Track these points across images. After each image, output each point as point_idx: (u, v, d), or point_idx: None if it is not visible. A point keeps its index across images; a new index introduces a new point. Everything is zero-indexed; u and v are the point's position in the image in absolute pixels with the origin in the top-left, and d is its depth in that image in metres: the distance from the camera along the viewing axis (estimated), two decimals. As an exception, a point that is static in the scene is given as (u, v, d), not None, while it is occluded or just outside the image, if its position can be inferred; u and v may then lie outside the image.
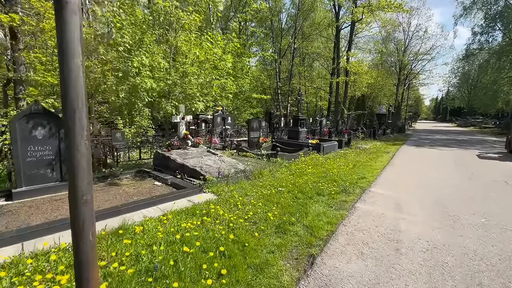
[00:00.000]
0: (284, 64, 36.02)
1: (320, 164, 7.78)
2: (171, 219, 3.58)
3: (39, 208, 4.07)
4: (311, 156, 8.63)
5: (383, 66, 39.76)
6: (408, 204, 4.68)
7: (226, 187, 5.24)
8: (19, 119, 4.50)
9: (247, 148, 8.95)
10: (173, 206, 4.11)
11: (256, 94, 22.41)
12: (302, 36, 30.12)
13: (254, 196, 4.78)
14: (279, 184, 5.58)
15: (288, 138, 10.95)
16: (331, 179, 6.09)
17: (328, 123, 20.52)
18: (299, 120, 10.60)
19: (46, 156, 4.83)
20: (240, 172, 5.95)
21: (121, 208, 3.84)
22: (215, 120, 12.68)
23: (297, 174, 6.53)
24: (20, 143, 4.52)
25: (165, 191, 5.09)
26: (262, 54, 25.78)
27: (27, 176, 4.64)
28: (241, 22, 28.00)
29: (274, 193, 4.96)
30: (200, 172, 5.51)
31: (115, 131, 9.00)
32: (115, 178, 5.87)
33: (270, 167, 6.95)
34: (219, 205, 4.18)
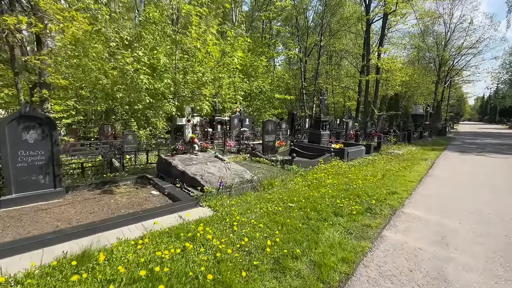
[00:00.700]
0: (310, 63, 34.68)
1: (342, 173, 6.77)
2: (148, 244, 2.97)
3: (19, 219, 3.74)
4: (333, 163, 7.63)
5: (419, 62, 36.41)
6: (457, 235, 3.58)
7: (227, 200, 4.56)
8: (9, 123, 4.24)
9: (261, 152, 8.20)
10: (159, 224, 3.52)
11: (279, 94, 21.58)
12: (330, 33, 28.62)
13: (256, 214, 4.03)
14: (290, 198, 4.76)
15: (309, 142, 9.99)
16: (353, 193, 5.11)
17: (356, 125, 18.99)
18: (321, 121, 9.59)
19: (38, 162, 4.54)
20: (246, 182, 5.24)
21: (98, 225, 3.33)
22: (232, 122, 12.13)
23: (313, 185, 5.64)
24: (10, 148, 4.27)
25: (160, 202, 4.56)
26: (286, 53, 24.82)
27: (18, 182, 4.38)
28: (265, 21, 27.34)
29: (281, 211, 4.17)
30: (200, 181, 4.89)
31: (127, 133, 8.83)
32: (114, 184, 5.50)
33: (283, 175, 6.14)
34: (211, 225, 3.51)
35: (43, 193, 4.55)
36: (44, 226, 3.53)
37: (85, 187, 5.24)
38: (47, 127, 4.60)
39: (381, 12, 20.57)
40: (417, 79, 28.82)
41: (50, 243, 2.98)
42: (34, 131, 4.47)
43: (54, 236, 3.03)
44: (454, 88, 45.23)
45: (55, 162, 4.70)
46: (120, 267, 2.44)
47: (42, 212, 4.00)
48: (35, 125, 4.47)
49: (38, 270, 2.44)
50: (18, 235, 3.29)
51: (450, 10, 31.58)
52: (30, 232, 3.35)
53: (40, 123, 4.51)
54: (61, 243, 3.02)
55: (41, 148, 4.56)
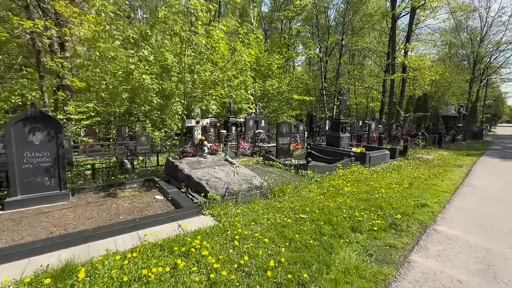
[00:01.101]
0: (331, 63, 33.68)
1: (363, 180, 6.15)
2: (137, 258, 2.68)
3: (18, 223, 3.64)
4: (353, 169, 7.00)
5: (451, 60, 33.88)
6: (508, 264, 2.92)
7: (233, 209, 4.19)
8: (15, 124, 4.21)
9: (275, 156, 7.77)
10: (154, 234, 3.23)
11: (298, 95, 20.99)
12: (352, 31, 27.52)
13: (263, 226, 3.62)
14: (302, 208, 4.29)
15: (327, 145, 9.38)
16: (375, 204, 4.52)
17: (379, 127, 17.89)
18: (340, 123, 8.95)
19: (43, 163, 4.49)
20: (254, 188, 4.84)
21: (90, 234, 3.11)
22: (247, 124, 11.82)
23: (329, 193, 5.11)
24: (15, 149, 4.23)
25: (162, 208, 4.30)
26: (306, 53, 24.14)
27: (23, 184, 4.34)
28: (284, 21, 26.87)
29: (291, 223, 3.72)
30: (205, 187, 4.58)
31: (141, 134, 8.81)
32: (120, 187, 5.37)
33: (297, 181, 5.67)
34: (209, 238, 3.16)
35: (48, 195, 4.48)
36: (39, 231, 3.39)
37: (91, 190, 5.14)
38: (53, 129, 4.53)
39: (408, 6, 19.29)
40: (449, 77, 26.77)
41: (38, 252, 2.79)
42: (40, 133, 4.42)
43: (43, 245, 2.84)
44: (491, 87, 41.62)
45: (60, 164, 4.62)
46: (98, 287, 2.15)
47: (43, 216, 3.89)
48: (41, 126, 4.42)
49: (13, 286, 2.22)
50: (12, 240, 3.16)
51: (487, 3, 29.04)
52: (23, 238, 3.21)
53: (46, 124, 4.45)
54: (49, 252, 2.83)
55: (47, 149, 4.50)
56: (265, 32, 31.35)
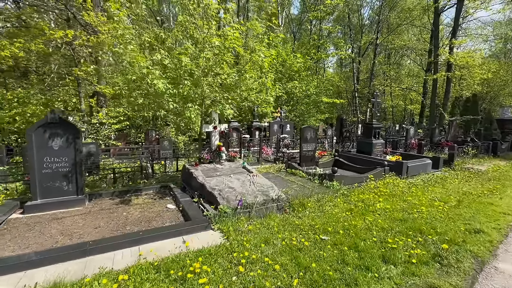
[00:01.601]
0: (365, 64, 31.96)
1: (398, 194, 5.35)
2: (129, 281, 2.41)
3: (31, 229, 3.65)
4: (387, 181, 6.18)
5: (507, 56, 29.88)
6: None
7: (245, 224, 3.80)
8: (36, 129, 4.32)
9: (298, 163, 7.23)
10: (154, 251, 2.97)
11: (327, 98, 20.05)
12: (388, 29, 25.75)
13: (276, 247, 3.16)
14: (324, 227, 3.74)
15: (357, 152, 8.56)
16: (414, 226, 3.79)
17: (419, 132, 16.23)
18: (373, 128, 8.10)
19: (62, 168, 4.55)
20: (270, 201, 4.40)
21: (90, 247, 2.94)
22: (271, 128, 11.40)
23: (358, 210, 4.47)
24: (36, 154, 4.33)
25: (171, 219, 4.06)
26: (336, 54, 23.05)
27: (43, 188, 4.43)
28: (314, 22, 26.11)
29: (309, 246, 3.21)
30: (217, 198, 4.25)
31: (164, 139, 8.87)
32: (136, 193, 5.30)
33: (321, 194, 5.10)
34: (212, 261, 2.79)
35: (66, 200, 4.53)
36: (46, 240, 3.33)
37: (108, 195, 5.14)
38: (72, 135, 4.58)
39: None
40: (504, 76, 23.54)
41: (35, 265, 2.68)
42: (59, 138, 4.49)
43: (40, 258, 2.72)
44: (559, 86, 35.84)
45: (77, 169, 4.66)
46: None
47: (55, 222, 3.88)
48: (60, 132, 4.48)
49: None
50: (18, 248, 3.13)
51: (554, -11, 25.06)
52: (29, 246, 3.16)
53: (64, 130, 4.51)
54: (47, 266, 2.70)
55: (65, 155, 4.55)
56: (294, 34, 30.82)
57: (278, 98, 14.05)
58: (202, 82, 4.65)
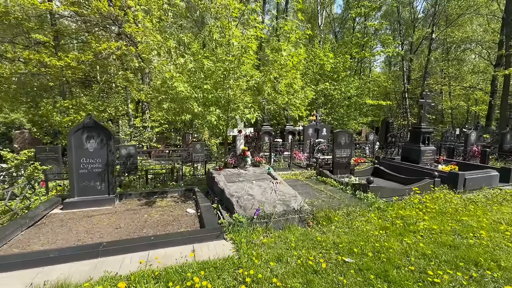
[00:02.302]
0: (418, 62, 28.95)
1: (451, 212, 4.46)
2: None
3: (63, 224, 3.95)
4: (436, 195, 5.24)
5: None
6: None
7: (260, 236, 3.54)
8: (75, 132, 4.71)
9: (330, 171, 6.65)
10: (158, 260, 2.90)
11: (371, 99, 18.55)
12: (446, 21, 22.85)
13: (288, 266, 2.83)
14: (350, 247, 3.25)
15: (402, 160, 7.55)
16: (467, 255, 3.05)
17: (485, 137, 13.85)
18: (421, 133, 7.05)
19: (96, 169, 4.89)
20: (292, 212, 4.03)
21: (103, 248, 3.00)
22: (305, 132, 10.87)
23: (395, 228, 3.82)
24: (74, 155, 4.73)
25: (187, 224, 4.01)
26: (382, 52, 21.22)
27: (80, 187, 4.81)
28: (357, 19, 24.62)
29: (327, 269, 2.79)
30: (234, 205, 4.07)
31: (196, 142, 9.10)
32: (162, 195, 5.43)
33: (352, 207, 4.54)
34: (215, 276, 2.59)
35: (98, 199, 4.84)
36: (71, 237, 3.54)
37: (136, 196, 5.36)
38: (105, 137, 4.89)
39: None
40: None
41: (53, 262, 2.82)
42: (94, 141, 4.83)
43: (58, 255, 2.86)
44: None
45: (109, 170, 4.95)
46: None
47: (84, 220, 4.14)
48: (95, 135, 4.82)
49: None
50: (47, 243, 3.37)
51: None
52: (56, 242, 3.38)
53: (99, 133, 4.84)
54: (61, 264, 2.82)
55: (99, 156, 4.88)
56: (335, 34, 29.48)
57: (315, 100, 13.41)
58: (224, 85, 4.55)
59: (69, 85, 12.21)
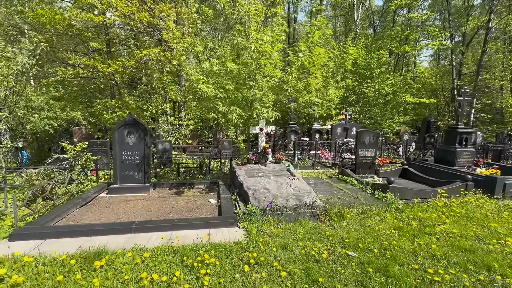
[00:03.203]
0: (472, 55, 26.14)
1: (479, 218, 4.19)
2: (149, 260, 2.82)
3: (107, 206, 4.68)
4: (466, 199, 4.91)
5: None
6: None
7: (271, 226, 3.80)
8: (118, 128, 5.49)
9: (353, 170, 6.58)
10: (178, 238, 3.35)
11: (412, 97, 17.32)
12: (509, 7, 20.13)
13: (292, 254, 3.06)
14: (357, 242, 3.34)
15: (435, 162, 7.08)
16: (481, 260, 2.92)
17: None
18: (458, 133, 6.53)
19: (134, 160, 5.62)
20: (304, 207, 4.21)
21: (136, 226, 3.57)
22: (333, 131, 10.71)
23: (409, 229, 3.77)
24: (118, 148, 5.51)
25: (208, 212, 4.44)
26: (427, 45, 19.54)
27: (122, 175, 5.58)
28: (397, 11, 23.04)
29: (327, 259, 2.95)
30: (250, 197, 4.39)
31: (224, 139, 9.64)
32: (189, 186, 5.99)
33: (368, 206, 4.54)
34: (223, 256, 2.95)
35: (136, 186, 5.56)
36: (113, 215, 4.20)
37: (168, 186, 6.01)
38: (143, 133, 5.59)
39: None
40: None
41: (96, 233, 3.44)
42: (133, 136, 5.56)
43: (100, 229, 3.49)
44: None
45: (145, 162, 5.64)
46: (95, 279, 2.39)
47: (124, 203, 4.85)
48: (134, 130, 5.55)
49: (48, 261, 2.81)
50: (94, 219, 4.07)
51: None
52: (101, 219, 4.06)
53: (137, 129, 5.56)
54: (102, 236, 3.41)
55: (137, 149, 5.60)
56: (374, 28, 27.91)
57: (346, 98, 13.04)
58: (245, 86, 4.88)
59: (118, 87, 13.77)
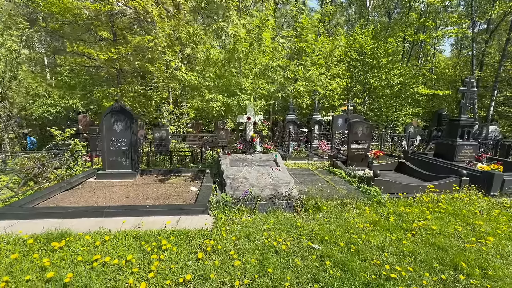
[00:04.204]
0: (497, 43, 24.52)
1: (465, 215, 3.95)
2: (108, 242, 2.86)
3: (91, 190, 4.80)
4: (457, 195, 4.65)
5: None
6: None
7: (243, 216, 3.76)
8: (105, 115, 5.56)
9: (344, 162, 6.38)
10: (145, 224, 3.38)
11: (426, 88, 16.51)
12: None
13: (253, 243, 3.01)
14: (324, 235, 3.24)
15: (435, 156, 6.73)
16: (451, 259, 2.75)
17: None
18: (459, 126, 6.14)
19: (122, 147, 5.69)
20: (280, 197, 4.13)
21: (107, 210, 3.63)
22: (334, 123, 10.41)
23: (385, 224, 3.61)
24: (105, 135, 5.59)
25: (186, 199, 4.45)
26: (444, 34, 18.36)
27: (109, 162, 5.69)
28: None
29: (286, 251, 2.89)
30: (226, 185, 4.36)
31: (220, 129, 9.61)
32: (176, 174, 6.04)
33: (349, 198, 4.39)
34: (182, 242, 2.95)
35: (123, 172, 5.66)
36: (92, 200, 4.30)
37: (156, 173, 6.08)
38: (129, 120, 5.63)
39: None
40: None
41: (68, 216, 3.53)
42: (120, 123, 5.62)
43: (73, 211, 3.58)
44: None
45: (132, 149, 5.71)
46: (45, 259, 2.44)
47: (107, 188, 4.95)
48: (121, 117, 5.59)
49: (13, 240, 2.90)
50: (74, 202, 4.17)
51: None
52: (79, 203, 4.16)
53: (124, 116, 5.60)
54: (74, 218, 3.50)
55: (124, 136, 5.66)
56: (390, 15, 26.51)
57: (351, 89, 12.57)
58: (226, 73, 4.77)
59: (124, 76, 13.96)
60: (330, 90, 10.39)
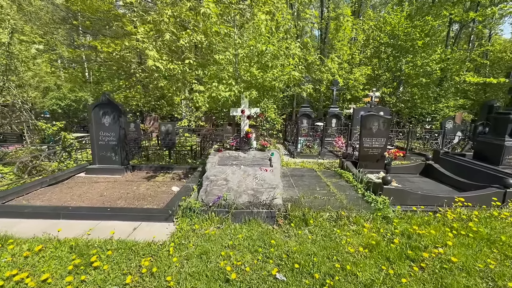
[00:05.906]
0: None
1: (504, 243, 2.92)
2: (41, 252, 2.52)
3: (72, 187, 4.62)
4: (496, 214, 3.53)
5: None
6: None
7: (211, 226, 3.21)
8: (93, 108, 5.35)
9: (356, 163, 5.44)
10: (97, 231, 3.00)
11: (475, 77, 14.16)
12: None
13: (202, 267, 2.45)
14: (299, 261, 2.56)
15: (474, 158, 5.43)
16: None
17: None
18: (509, 121, 4.81)
19: (111, 142, 5.48)
20: (259, 205, 3.48)
21: (69, 212, 3.35)
22: (355, 116, 9.23)
23: (386, 249, 2.79)
24: (94, 129, 5.41)
25: (160, 202, 4.03)
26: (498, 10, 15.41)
27: (99, 156, 5.52)
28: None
29: (239, 282, 2.27)
30: (201, 188, 3.83)
31: (227, 123, 9.10)
32: (167, 171, 5.69)
33: (345, 211, 3.58)
34: (121, 259, 2.49)
35: (112, 168, 5.45)
36: (66, 197, 4.08)
37: (146, 169, 5.79)
38: (117, 114, 5.37)
39: None
40: None
41: (24, 216, 3.31)
42: (108, 116, 5.38)
43: (31, 211, 3.35)
44: None
45: (121, 144, 5.46)
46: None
47: (89, 185, 4.75)
48: (109, 111, 5.35)
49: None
50: (47, 200, 4.00)
51: None
52: (51, 200, 3.98)
53: (112, 109, 5.35)
54: (31, 219, 3.27)
55: (113, 130, 5.43)
56: None
57: (378, 77, 11.10)
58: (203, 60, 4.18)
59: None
60: (352, 80, 9.22)
